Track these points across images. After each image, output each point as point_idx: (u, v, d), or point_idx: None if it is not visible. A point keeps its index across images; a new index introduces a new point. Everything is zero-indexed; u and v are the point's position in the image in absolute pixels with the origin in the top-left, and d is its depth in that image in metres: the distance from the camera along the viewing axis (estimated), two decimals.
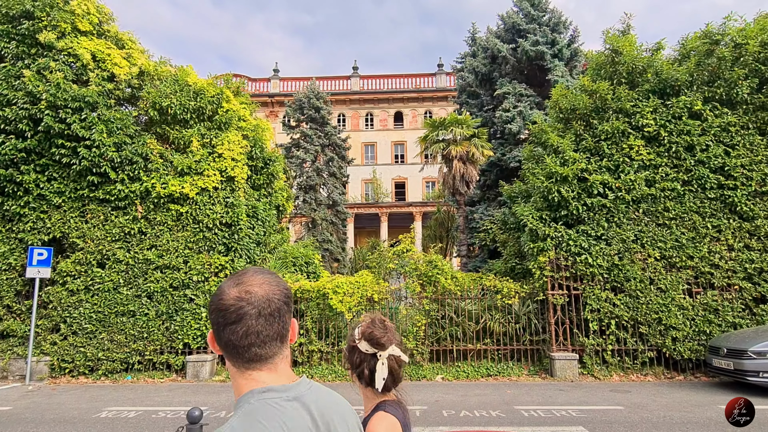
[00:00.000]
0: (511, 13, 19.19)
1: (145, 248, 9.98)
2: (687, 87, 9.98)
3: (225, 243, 10.13)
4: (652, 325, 9.28)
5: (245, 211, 10.50)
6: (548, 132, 10.63)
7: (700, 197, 9.58)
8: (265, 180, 11.76)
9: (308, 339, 9.93)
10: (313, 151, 28.91)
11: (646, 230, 9.58)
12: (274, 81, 42.67)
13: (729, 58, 9.65)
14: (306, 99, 29.80)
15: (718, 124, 9.62)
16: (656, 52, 10.59)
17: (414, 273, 10.33)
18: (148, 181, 9.95)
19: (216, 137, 10.49)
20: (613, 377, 9.16)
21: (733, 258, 9.36)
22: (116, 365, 9.77)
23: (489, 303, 10.09)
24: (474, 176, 17.66)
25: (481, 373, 9.49)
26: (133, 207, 10.05)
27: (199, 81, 10.75)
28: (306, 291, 10.06)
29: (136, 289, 9.88)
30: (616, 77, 10.49)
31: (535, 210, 10.05)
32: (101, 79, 9.86)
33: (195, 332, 9.70)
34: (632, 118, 9.99)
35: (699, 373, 9.23)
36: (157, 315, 9.83)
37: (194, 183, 10.02)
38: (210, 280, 9.92)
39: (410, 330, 9.79)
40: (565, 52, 17.98)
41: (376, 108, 42.24)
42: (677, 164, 9.73)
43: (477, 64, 19.92)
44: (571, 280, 9.66)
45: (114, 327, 9.81)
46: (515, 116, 17.28)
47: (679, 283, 9.37)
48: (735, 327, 9.12)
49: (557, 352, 9.38)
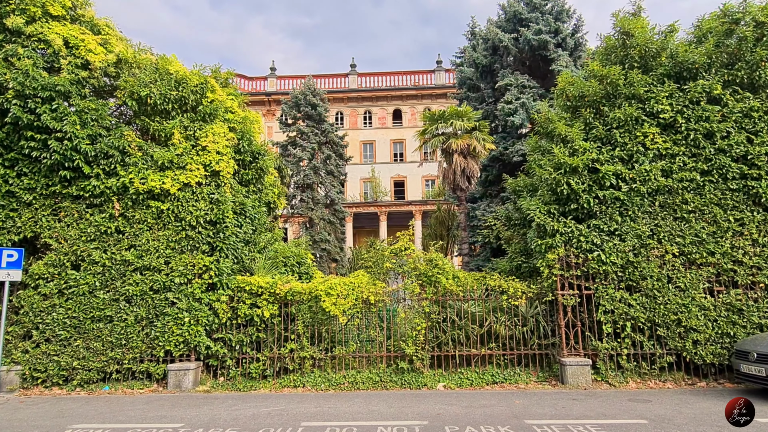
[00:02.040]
0: (512, 2, 18.48)
1: (123, 248, 9.27)
2: (705, 70, 9.27)
3: (210, 242, 9.42)
4: (670, 327, 8.57)
5: (232, 207, 9.79)
6: (555, 121, 9.93)
7: (721, 188, 8.86)
8: (254, 175, 11.05)
9: (299, 345, 9.22)
10: (310, 149, 28.23)
11: (663, 224, 8.87)
12: (271, 79, 42.02)
13: (751, 38, 8.94)
14: (302, 96, 29.13)
15: (740, 109, 8.91)
16: (669, 34, 9.87)
17: (413, 273, 9.63)
18: (125, 176, 9.23)
19: (200, 129, 9.78)
20: (630, 384, 8.44)
21: (758, 254, 8.65)
22: (92, 375, 9.06)
23: (494, 304, 9.38)
24: (475, 171, 16.95)
25: (486, 380, 8.77)
26: (109, 204, 9.34)
27: (182, 69, 10.05)
28: (297, 293, 9.35)
29: (114, 293, 9.17)
30: (628, 61, 9.78)
31: (543, 204, 9.35)
32: (74, 67, 9.15)
33: (177, 338, 8.98)
34: (646, 104, 9.28)
35: (722, 378, 8.52)
36: (137, 320, 9.12)
37: (176, 178, 9.31)
38: (193, 282, 9.21)
39: (409, 334, 9.08)
40: (569, 41, 17.28)
41: (375, 106, 41.57)
42: (696, 153, 9.02)
43: (477, 56, 19.22)
44: (583, 279, 8.95)
45: (90, 333, 9.10)
46: (518, 108, 16.57)
47: (699, 281, 8.67)
48: (761, 329, 8.41)
49: (568, 357, 8.67)
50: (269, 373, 9.23)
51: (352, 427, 6.09)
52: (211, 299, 9.21)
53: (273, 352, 9.23)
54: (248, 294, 9.31)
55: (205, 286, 9.23)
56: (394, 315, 9.72)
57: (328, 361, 9.40)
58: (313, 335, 9.43)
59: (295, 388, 8.87)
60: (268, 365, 9.24)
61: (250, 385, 9.00)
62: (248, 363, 9.32)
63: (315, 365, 9.35)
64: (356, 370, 9.25)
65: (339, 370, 9.26)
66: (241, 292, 9.35)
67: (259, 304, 9.25)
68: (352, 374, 9.04)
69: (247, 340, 9.27)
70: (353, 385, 8.77)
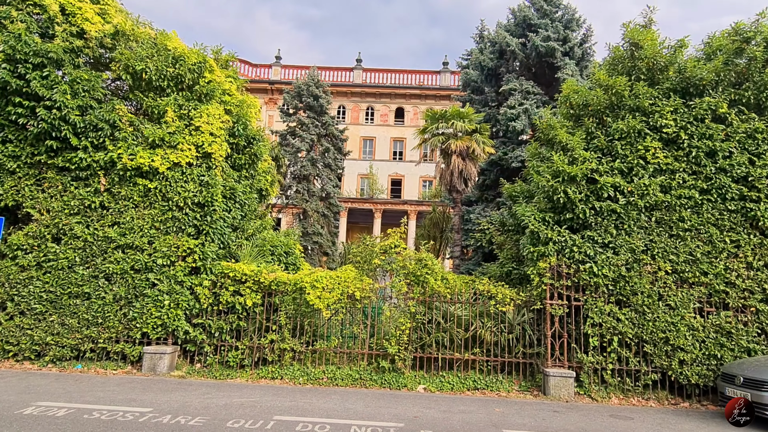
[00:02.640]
0: (522, 7, 18.31)
1: (106, 225, 9.03)
2: (712, 88, 9.13)
3: (196, 225, 9.19)
4: (658, 345, 8.43)
5: (222, 191, 9.57)
6: (557, 128, 9.76)
7: (719, 208, 8.73)
8: (247, 160, 10.82)
9: (281, 336, 9.01)
10: (309, 140, 27.97)
11: (658, 240, 8.72)
12: (275, 68, 41.68)
13: (761, 59, 8.81)
14: (305, 86, 28.83)
15: (744, 129, 8.77)
16: (679, 49, 9.72)
17: (401, 271, 9.44)
18: (114, 150, 8.99)
19: (195, 109, 9.53)
20: (612, 399, 8.31)
21: (751, 277, 8.52)
22: (66, 352, 8.83)
23: (481, 309, 9.22)
24: (473, 174, 16.78)
25: (467, 385, 8.61)
26: (95, 178, 9.09)
27: (181, 46, 9.80)
28: (282, 283, 9.15)
29: (94, 269, 8.94)
30: (635, 73, 9.62)
31: (538, 211, 9.18)
32: (69, 35, 8.90)
33: (155, 321, 8.76)
34: (650, 117, 9.12)
35: (706, 400, 8.40)
36: (115, 299, 8.89)
37: (166, 156, 9.08)
38: (176, 264, 8.99)
39: (393, 333, 8.90)
40: (577, 51, 17.13)
41: (378, 102, 41.32)
42: (696, 171, 8.88)
43: (484, 58, 19.04)
44: (573, 290, 8.80)
45: (66, 309, 8.86)
46: (520, 114, 16.41)
47: (690, 301, 8.53)
48: (749, 353, 8.29)
49: (552, 368, 8.52)
50: (247, 362, 9.03)
51: (326, 425, 5.90)
52: (193, 283, 8.99)
53: (253, 342, 9.03)
54: (232, 281, 9.10)
55: (188, 270, 9.01)
56: (380, 313, 9.54)
57: (308, 354, 9.21)
58: (295, 327, 9.24)
59: (273, 379, 8.67)
60: (246, 354, 9.04)
61: (226, 373, 8.80)
62: (227, 351, 9.11)
63: (295, 358, 9.15)
64: (336, 366, 9.07)
65: (319, 365, 9.07)
66: (225, 279, 9.13)
67: (242, 292, 9.05)
68: (332, 370, 8.86)
69: (227, 328, 9.06)
70: (332, 381, 8.59)
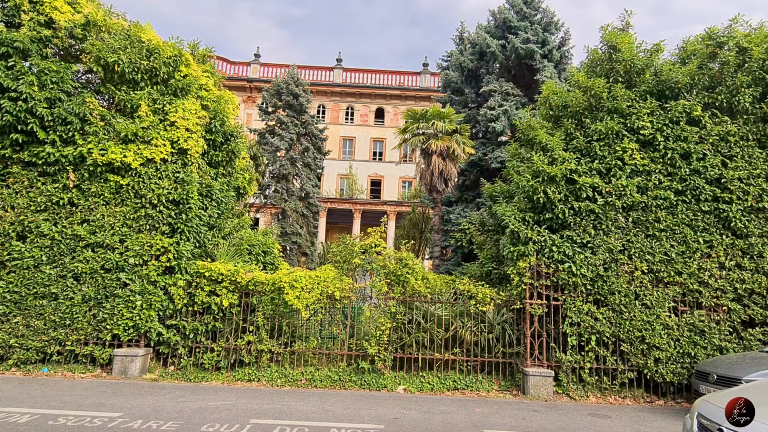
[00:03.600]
0: (502, 9, 18.46)
1: (75, 222, 8.67)
2: (687, 91, 9.32)
3: (170, 223, 8.91)
4: (634, 344, 8.55)
5: (198, 189, 9.31)
6: (536, 128, 9.81)
7: (693, 209, 8.91)
8: (224, 157, 10.57)
9: (258, 337, 8.80)
10: (288, 139, 27.62)
11: (635, 240, 8.85)
12: (254, 66, 41.07)
13: (733, 63, 9.03)
14: (284, 84, 28.48)
15: (717, 132, 8.97)
16: (655, 53, 9.90)
17: (382, 271, 9.35)
18: (84, 145, 8.65)
19: (170, 104, 9.25)
20: (590, 398, 8.38)
21: (724, 277, 8.71)
22: (31, 355, 8.45)
23: (461, 309, 9.19)
24: (453, 174, 16.82)
25: (447, 385, 8.57)
26: (64, 174, 8.73)
27: (156, 39, 9.50)
28: (260, 283, 8.94)
29: (61, 269, 8.58)
30: (613, 75, 9.76)
31: (518, 211, 9.21)
32: (36, 24, 8.52)
33: (127, 322, 8.45)
34: (628, 119, 9.26)
35: (680, 398, 8.55)
36: (84, 300, 8.55)
37: (139, 152, 8.78)
38: (149, 263, 8.70)
39: (373, 334, 8.80)
40: (555, 53, 17.35)
41: (358, 102, 41.16)
42: (672, 172, 9.04)
43: (464, 59, 19.13)
44: (552, 290, 8.85)
45: (31, 310, 8.48)
46: (500, 115, 16.52)
47: (665, 300, 8.67)
48: (721, 351, 8.47)
49: (531, 368, 8.54)
50: (223, 364, 8.79)
51: (304, 428, 5.76)
52: (167, 283, 8.72)
53: (229, 343, 8.80)
54: (207, 280, 8.86)
55: (161, 269, 8.73)
56: (359, 313, 9.42)
57: (286, 356, 9.02)
58: (273, 328, 9.04)
59: (250, 382, 8.47)
60: (222, 356, 8.81)
61: (201, 376, 8.55)
62: (202, 353, 8.86)
63: (272, 359, 8.96)
64: (315, 367, 8.91)
65: (297, 366, 8.90)
66: (200, 278, 8.88)
67: (219, 292, 8.81)
68: (311, 371, 8.70)
69: (203, 329, 8.81)
70: (310, 383, 8.44)
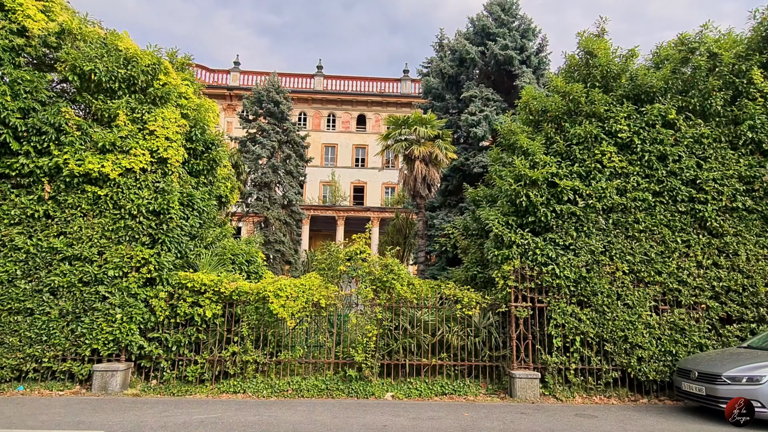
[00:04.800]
0: (481, 16, 18.73)
1: (51, 235, 8.45)
2: (661, 95, 9.57)
3: (151, 234, 8.74)
4: (617, 343, 8.67)
5: (179, 198, 9.15)
6: (517, 133, 9.94)
7: (671, 210, 9.12)
8: (205, 166, 10.43)
9: (243, 348, 8.67)
10: (270, 147, 27.44)
11: (616, 242, 9.00)
12: (234, 74, 40.78)
13: (704, 68, 9.31)
14: (265, 92, 28.31)
15: (691, 134, 9.22)
16: (630, 58, 10.15)
17: (367, 277, 9.32)
18: (60, 156, 8.44)
19: (149, 112, 9.10)
20: (576, 399, 8.46)
21: (702, 275, 8.92)
22: (5, 373, 8.16)
23: (447, 313, 9.21)
24: (436, 179, 16.92)
25: (435, 391, 8.56)
26: (39, 185, 8.50)
27: (133, 47, 9.36)
28: (244, 293, 8.81)
29: (37, 283, 8.33)
30: (590, 80, 9.96)
31: (502, 215, 9.30)
32: (8, 33, 8.31)
33: (106, 336, 8.23)
34: (605, 123, 9.45)
35: (663, 396, 8.69)
36: (61, 315, 8.31)
37: (118, 162, 8.61)
38: (129, 275, 8.51)
39: (360, 341, 8.75)
40: (534, 59, 17.65)
41: (339, 109, 41.19)
42: (649, 174, 9.25)
43: (444, 66, 19.32)
44: (536, 292, 8.94)
45: (6, 327, 8.20)
46: (481, 120, 16.71)
47: (646, 300, 8.83)
48: (701, 348, 8.65)
49: (518, 370, 8.59)
50: (208, 377, 8.63)
51: None
52: (148, 295, 8.53)
53: (213, 355, 8.64)
54: (190, 291, 8.70)
55: (142, 281, 8.54)
56: (345, 320, 9.37)
57: (272, 366, 8.90)
58: (258, 338, 8.91)
59: (235, 393, 8.32)
60: (206, 368, 8.64)
61: (185, 389, 8.38)
62: (185, 365, 8.68)
63: (258, 370, 8.82)
64: (302, 376, 8.81)
65: (283, 376, 8.78)
66: (182, 289, 8.72)
67: (202, 303, 8.66)
68: (297, 381, 8.59)
69: (186, 341, 8.64)
70: (297, 393, 8.33)
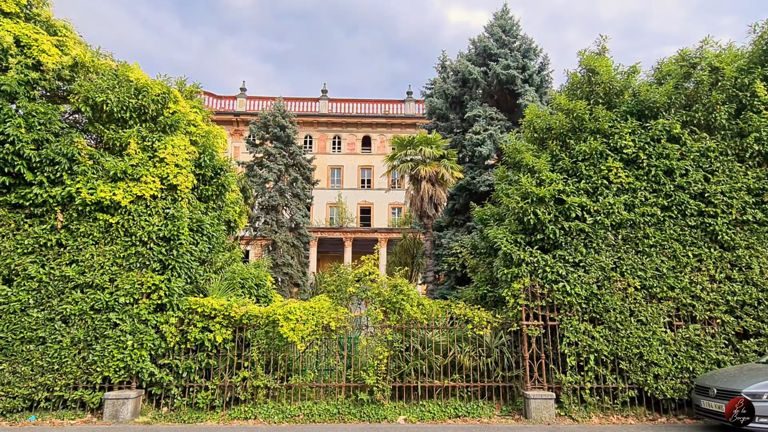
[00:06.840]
0: (482, 38, 19.04)
1: (63, 263, 8.53)
2: (665, 110, 9.62)
3: (161, 260, 8.81)
4: (633, 361, 8.53)
5: (188, 224, 9.24)
6: (523, 151, 10.00)
7: (680, 224, 9.07)
8: (214, 191, 10.54)
9: (253, 373, 8.62)
10: (277, 171, 27.72)
11: (626, 257, 8.95)
12: (240, 99, 41.53)
13: (707, 82, 9.37)
14: (271, 117, 28.77)
15: (697, 148, 9.24)
16: (632, 75, 10.25)
17: (377, 299, 9.30)
18: (72, 185, 8.59)
19: (159, 140, 9.28)
20: (593, 419, 8.29)
21: (715, 290, 8.81)
22: (17, 403, 8.16)
23: (458, 334, 9.13)
24: (443, 199, 16.97)
25: (448, 413, 8.43)
26: (52, 215, 8.64)
27: (144, 77, 9.60)
28: (254, 317, 8.81)
29: (49, 311, 8.38)
30: (593, 97, 10.06)
31: (510, 233, 9.29)
32: (24, 67, 8.57)
33: (117, 364, 8.23)
34: (610, 139, 9.50)
35: (682, 414, 8.49)
36: (73, 342, 8.33)
37: (129, 190, 8.74)
38: (140, 302, 8.55)
39: (370, 363, 8.67)
40: (536, 78, 17.85)
41: (344, 131, 41.65)
42: (657, 189, 9.23)
43: (447, 87, 19.58)
44: (548, 310, 8.85)
45: (18, 356, 8.23)
46: (485, 139, 16.83)
47: (660, 315, 8.72)
48: (719, 364, 8.49)
49: (532, 391, 8.46)
50: (218, 403, 8.56)
51: None
52: (158, 321, 8.55)
53: (224, 381, 8.60)
54: (200, 316, 8.71)
55: (153, 307, 8.57)
56: (356, 343, 9.31)
57: (283, 390, 8.82)
58: (268, 363, 8.87)
59: (246, 420, 8.25)
60: (217, 395, 8.59)
61: (196, 416, 8.31)
62: (195, 392, 8.62)
63: (269, 395, 8.75)
64: (313, 401, 8.72)
65: (294, 401, 8.69)
66: (193, 314, 8.74)
67: (212, 328, 8.66)
68: (308, 405, 8.50)
69: (196, 367, 8.61)
70: (309, 418, 8.24)
